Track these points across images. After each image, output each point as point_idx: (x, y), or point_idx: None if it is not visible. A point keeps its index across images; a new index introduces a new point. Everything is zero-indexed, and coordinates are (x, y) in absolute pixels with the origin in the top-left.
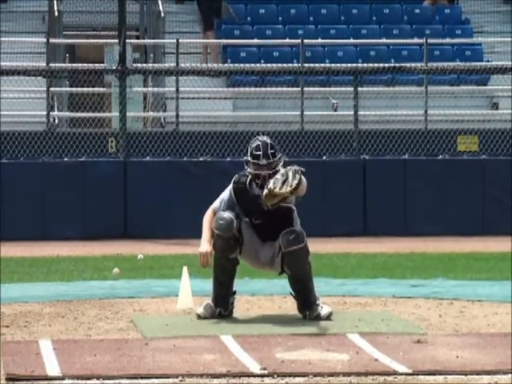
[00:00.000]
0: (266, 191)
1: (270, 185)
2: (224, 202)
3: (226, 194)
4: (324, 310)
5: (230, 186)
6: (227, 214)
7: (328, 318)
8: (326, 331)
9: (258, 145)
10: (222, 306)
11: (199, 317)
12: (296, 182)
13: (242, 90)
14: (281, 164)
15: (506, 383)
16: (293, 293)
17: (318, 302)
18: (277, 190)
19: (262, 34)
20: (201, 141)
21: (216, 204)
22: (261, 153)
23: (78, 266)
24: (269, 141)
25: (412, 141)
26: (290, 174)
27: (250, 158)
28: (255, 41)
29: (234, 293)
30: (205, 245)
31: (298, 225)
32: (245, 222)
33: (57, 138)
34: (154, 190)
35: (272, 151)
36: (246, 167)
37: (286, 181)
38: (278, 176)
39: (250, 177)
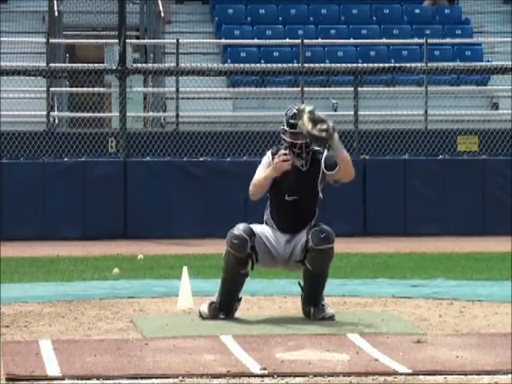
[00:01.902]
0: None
1: (308, 108)
2: (263, 171)
3: (263, 164)
4: (327, 312)
5: (268, 156)
6: (242, 231)
7: (329, 319)
8: (326, 331)
9: (295, 113)
10: (225, 311)
11: (201, 315)
12: (316, 132)
13: (242, 90)
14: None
15: (506, 383)
16: (301, 283)
17: (323, 303)
18: (305, 118)
19: (262, 34)
20: (201, 141)
21: (256, 177)
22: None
23: (77, 266)
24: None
25: (412, 141)
26: (325, 126)
27: (286, 127)
28: (255, 41)
29: (240, 299)
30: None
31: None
32: (260, 234)
33: (57, 138)
34: (154, 190)
35: None
36: (282, 136)
37: (317, 122)
38: (320, 114)
39: (287, 149)
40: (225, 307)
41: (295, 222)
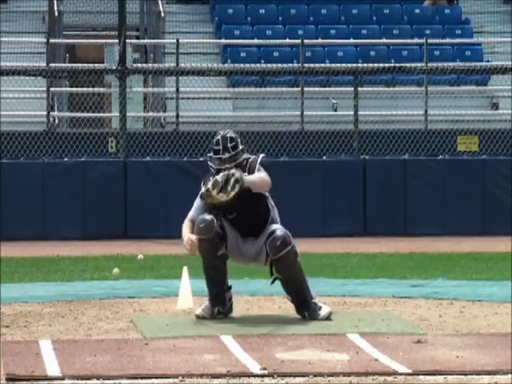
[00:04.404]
0: (203, 189)
1: (209, 185)
2: (198, 209)
3: (197, 201)
4: (324, 311)
5: (200, 193)
6: (206, 215)
7: (328, 317)
8: (326, 331)
9: (218, 139)
10: (219, 304)
11: (198, 318)
12: (233, 192)
13: (242, 90)
14: (243, 156)
15: (506, 383)
16: (289, 297)
17: (314, 301)
18: (214, 193)
19: (262, 34)
20: (201, 141)
21: (191, 214)
22: (220, 147)
23: (77, 266)
24: (229, 134)
25: (412, 141)
26: (231, 181)
27: (211, 154)
28: (255, 41)
29: (230, 288)
30: (186, 236)
31: (275, 214)
32: (225, 220)
33: (57, 138)
34: (153, 190)
35: (232, 144)
36: (209, 164)
37: (224, 187)
38: (219, 178)
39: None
40: (217, 300)
41: (248, 230)
